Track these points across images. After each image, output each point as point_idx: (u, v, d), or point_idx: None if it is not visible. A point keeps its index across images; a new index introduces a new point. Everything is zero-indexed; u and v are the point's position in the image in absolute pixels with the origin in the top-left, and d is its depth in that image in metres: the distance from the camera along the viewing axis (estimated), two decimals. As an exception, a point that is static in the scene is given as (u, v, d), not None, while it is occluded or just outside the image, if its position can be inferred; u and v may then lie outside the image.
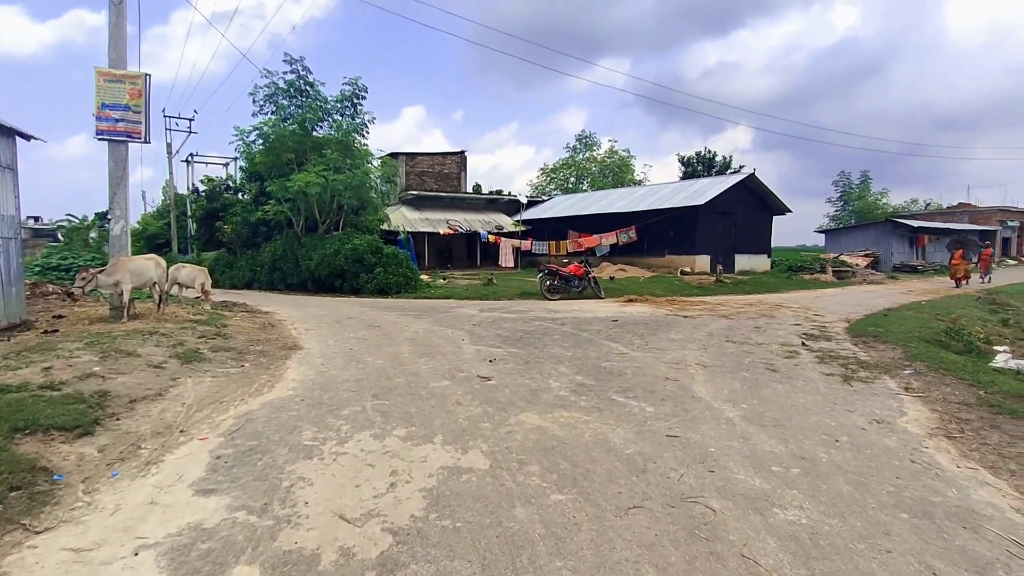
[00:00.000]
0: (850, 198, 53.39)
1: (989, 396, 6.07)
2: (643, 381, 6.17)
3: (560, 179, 49.36)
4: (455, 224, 29.81)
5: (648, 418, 4.88)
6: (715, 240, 24.62)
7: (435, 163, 36.43)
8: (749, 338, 9.25)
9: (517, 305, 13.78)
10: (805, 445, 4.34)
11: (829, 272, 25.35)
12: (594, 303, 14.43)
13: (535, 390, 5.70)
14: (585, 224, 27.95)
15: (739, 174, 27.54)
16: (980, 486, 3.73)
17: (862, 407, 5.50)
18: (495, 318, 11.15)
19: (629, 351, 7.89)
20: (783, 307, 14.12)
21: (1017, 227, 46.66)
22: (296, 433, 4.39)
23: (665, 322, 10.88)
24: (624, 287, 18.03)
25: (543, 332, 9.40)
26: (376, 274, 17.47)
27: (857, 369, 7.13)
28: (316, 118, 20.35)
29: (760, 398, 5.66)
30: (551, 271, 15.75)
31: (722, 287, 19.45)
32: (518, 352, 7.68)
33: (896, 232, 33.01)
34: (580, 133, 50.71)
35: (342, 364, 6.94)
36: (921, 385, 6.48)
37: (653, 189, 30.03)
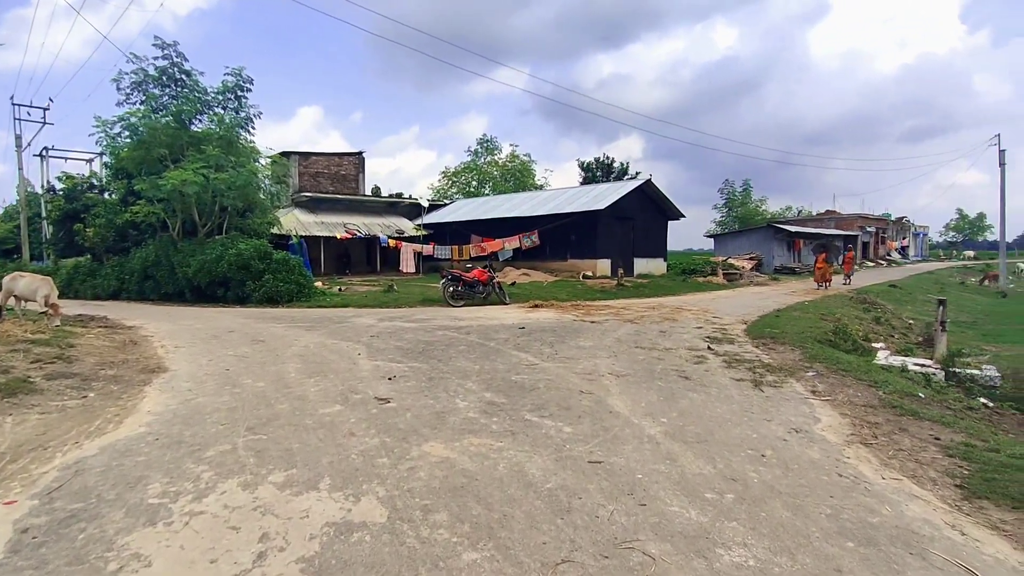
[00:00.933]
0: (734, 205, 57.07)
1: (888, 397, 6.19)
2: (557, 396, 5.73)
3: (462, 183, 48.82)
4: (353, 228, 28.41)
5: (567, 440, 4.42)
6: (615, 244, 25.07)
7: (331, 164, 34.67)
8: (657, 343, 9.15)
9: (419, 313, 13.05)
10: (733, 463, 4.05)
11: (720, 275, 26.62)
12: (499, 309, 13.99)
13: (440, 412, 5.08)
14: (488, 228, 27.58)
15: (636, 180, 28.32)
16: (910, 500, 3.58)
17: (778, 415, 5.37)
18: (395, 328, 10.38)
19: (539, 361, 7.46)
20: (683, 310, 14.39)
21: (873, 232, 51.85)
22: (140, 487, 3.49)
23: (573, 328, 10.61)
24: (528, 292, 17.77)
25: (447, 343, 8.77)
26: (264, 282, 16.04)
27: (764, 373, 7.12)
28: (194, 110, 18.47)
29: (678, 410, 5.39)
30: (454, 277, 15.15)
31: (624, 291, 19.73)
32: (421, 367, 7.01)
33: (776, 237, 35.44)
34: (481, 137, 50.73)
35: (214, 389, 5.95)
36: (826, 388, 6.53)
37: (555, 193, 30.23)
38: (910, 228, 63.34)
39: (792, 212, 63.35)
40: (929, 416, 5.46)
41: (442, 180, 50.10)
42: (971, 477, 3.95)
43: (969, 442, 4.73)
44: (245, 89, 18.72)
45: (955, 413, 6.08)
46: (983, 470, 4.06)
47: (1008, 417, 7.56)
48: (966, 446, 4.61)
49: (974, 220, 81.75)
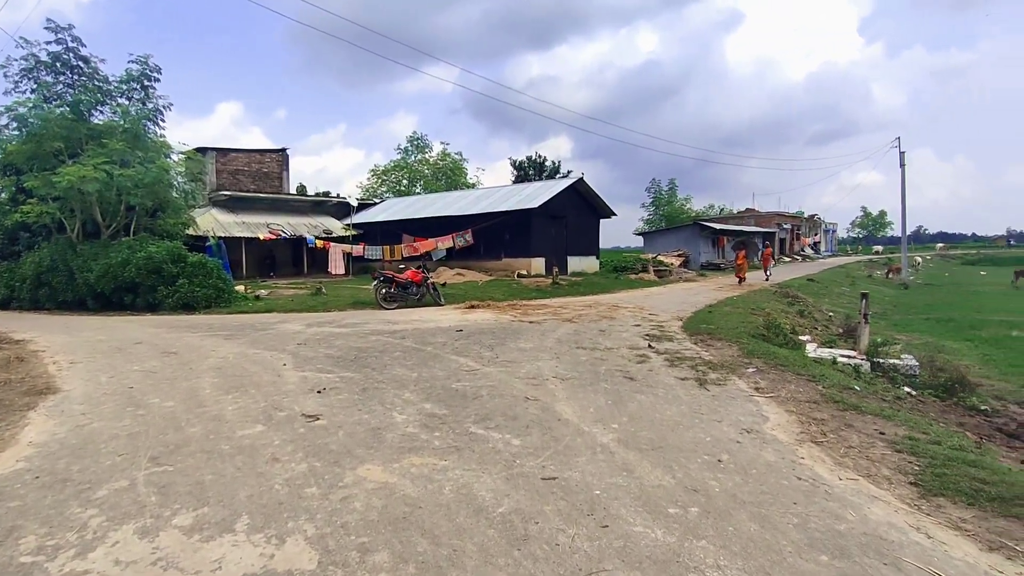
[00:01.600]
0: (661, 203, 58.73)
1: (829, 391, 6.25)
2: (502, 404, 5.40)
3: (392, 181, 47.71)
4: (277, 228, 27.03)
5: (516, 455, 4.09)
6: (549, 242, 25.05)
7: (252, 161, 32.93)
8: (598, 343, 8.99)
9: (350, 317, 12.39)
10: (692, 471, 3.85)
11: (651, 271, 27.15)
12: (435, 311, 13.52)
13: (377, 428, 4.64)
14: (420, 228, 26.94)
15: (569, 179, 28.46)
16: (871, 502, 3.48)
17: (727, 415, 5.26)
18: (325, 334, 9.74)
19: (480, 366, 7.10)
20: (620, 307, 14.42)
21: (789, 229, 54.69)
22: (10, 543, 2.87)
23: (512, 329, 10.32)
24: (464, 292, 17.38)
25: (382, 349, 8.27)
26: (179, 287, 14.83)
27: (707, 371, 7.07)
28: (94, 100, 16.90)
29: (628, 414, 5.18)
30: (387, 278, 14.53)
31: (559, 289, 19.67)
32: (353, 377, 6.50)
33: (702, 234, 36.64)
34: (412, 135, 49.51)
35: (113, 411, 5.23)
36: (768, 384, 6.53)
37: (488, 192, 29.94)
38: (821, 225, 67.33)
39: (715, 210, 65.90)
40: (870, 410, 5.51)
41: (371, 178, 48.80)
42: (922, 473, 3.93)
43: (912, 435, 4.76)
44: (152, 79, 17.30)
45: (891, 405, 6.22)
46: (932, 465, 4.06)
47: (930, 404, 7.88)
48: (910, 440, 4.63)
49: (876, 217, 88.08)
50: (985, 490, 3.59)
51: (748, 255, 24.65)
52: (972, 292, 28.96)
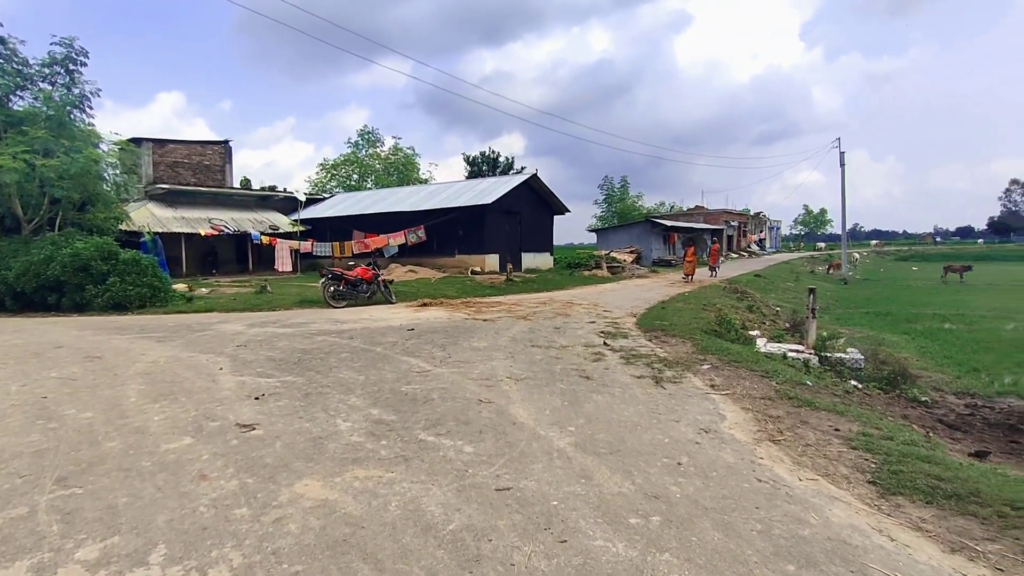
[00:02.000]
0: (613, 200, 59.36)
1: (782, 387, 6.25)
2: (454, 408, 5.15)
3: (342, 176, 46.52)
4: (220, 224, 25.90)
5: (469, 463, 3.85)
6: (503, 239, 24.85)
7: (192, 153, 31.47)
8: (553, 341, 8.84)
9: (296, 316, 11.86)
10: (651, 476, 3.70)
11: (604, 268, 27.30)
12: (385, 309, 13.12)
13: (318, 438, 4.31)
14: (371, 224, 26.29)
15: (523, 175, 28.31)
16: (831, 503, 3.40)
17: (684, 414, 5.16)
18: (268, 335, 9.24)
19: (432, 367, 6.82)
20: (574, 304, 14.34)
21: (736, 226, 56.22)
22: None
23: (465, 328, 10.06)
24: (416, 290, 16.98)
25: (328, 350, 7.87)
26: (109, 285, 13.89)
27: (663, 368, 7.00)
28: (12, 85, 15.66)
29: (585, 416, 5.01)
30: (335, 275, 14.01)
31: (513, 286, 19.50)
32: (295, 381, 6.11)
33: (654, 231, 37.16)
34: (362, 129, 48.39)
35: (21, 425, 4.71)
36: (723, 381, 6.49)
37: (441, 187, 29.50)
38: (766, 222, 69.56)
39: (666, 208, 67.14)
40: (824, 406, 5.52)
41: (320, 173, 47.43)
42: (879, 471, 3.90)
43: (865, 431, 4.76)
44: (79, 62, 16.14)
45: (842, 400, 6.27)
46: (887, 462, 4.03)
47: (876, 397, 8.05)
48: (864, 436, 4.62)
49: (818, 215, 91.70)
50: (941, 487, 3.57)
51: (697, 252, 24.88)
52: (906, 287, 30.32)
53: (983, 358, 11.82)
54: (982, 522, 3.19)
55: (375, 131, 48.49)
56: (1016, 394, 9.33)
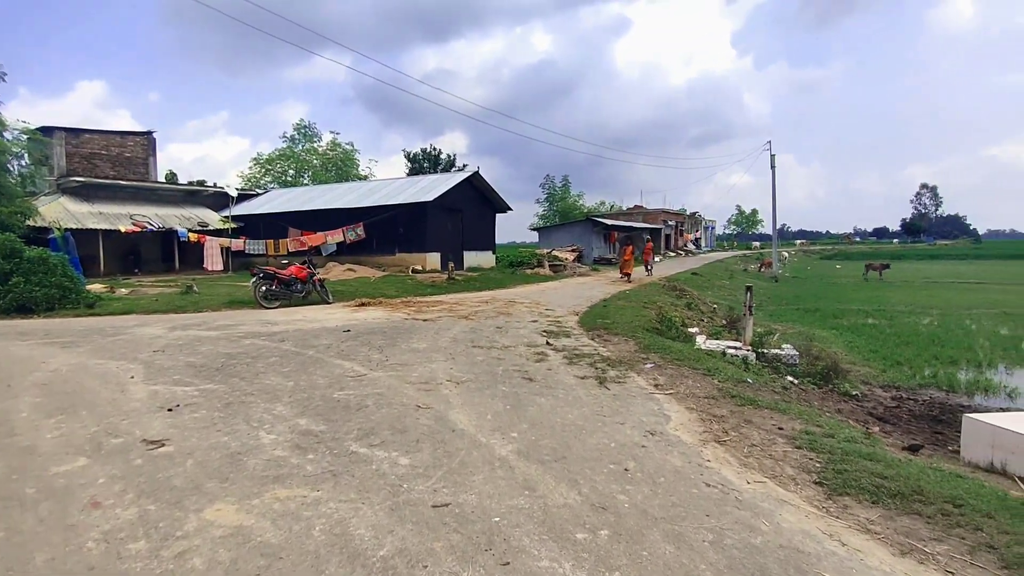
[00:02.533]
0: (555, 199, 59.82)
1: (725, 386, 6.24)
2: (390, 415, 4.83)
3: (277, 171, 44.79)
4: (143, 220, 24.33)
5: (404, 477, 3.56)
6: (445, 237, 24.45)
7: (111, 144, 29.51)
8: (495, 341, 8.61)
9: (223, 318, 11.15)
10: (598, 485, 3.52)
11: (546, 266, 27.34)
12: (321, 310, 12.55)
13: (237, 453, 3.91)
14: (308, 221, 25.32)
15: (464, 172, 27.99)
16: (781, 507, 3.32)
17: (629, 415, 5.04)
18: (190, 339, 8.59)
19: (368, 371, 6.46)
20: (516, 303, 14.18)
21: (674, 226, 57.70)
22: None
23: (404, 328, 9.69)
24: (354, 289, 16.40)
25: (255, 354, 7.36)
26: (12, 286, 12.67)
27: (606, 368, 6.89)
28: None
29: (529, 420, 4.80)
30: (268, 274, 13.30)
31: (455, 285, 19.18)
32: (216, 389, 5.62)
33: (595, 230, 37.58)
34: (299, 123, 46.73)
35: None
36: (666, 380, 6.44)
37: (381, 184, 28.77)
38: (702, 222, 71.75)
39: (606, 207, 68.11)
40: (766, 404, 5.52)
41: (254, 168, 45.48)
42: (824, 471, 3.86)
43: (808, 429, 4.76)
44: (-25, 42, 14.73)
45: (783, 397, 6.33)
46: (832, 461, 4.01)
47: (811, 393, 8.23)
48: (807, 434, 4.62)
49: (750, 215, 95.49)
50: (885, 486, 3.55)
51: (634, 251, 24.98)
52: (831, 284, 31.80)
53: (904, 352, 12.38)
54: (927, 521, 3.17)
55: (312, 125, 46.99)
56: (935, 385, 9.79)
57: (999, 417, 4.92)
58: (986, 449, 4.64)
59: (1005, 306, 19.74)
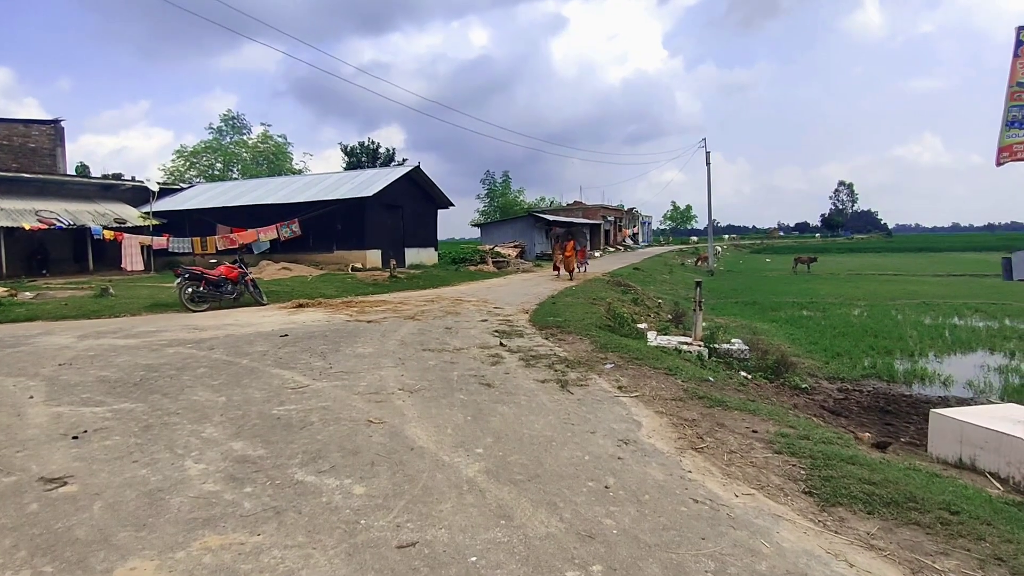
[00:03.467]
0: (495, 195, 59.49)
1: (689, 386, 6.06)
2: (339, 433, 4.33)
3: (203, 165, 42.36)
4: (50, 216, 22.26)
5: (360, 511, 3.10)
6: (385, 234, 23.65)
7: (13, 134, 27.04)
8: (445, 343, 8.16)
9: (144, 324, 10.17)
10: (580, 508, 3.18)
11: (490, 263, 26.98)
12: (255, 312, 11.70)
13: (157, 491, 3.33)
14: (238, 217, 23.91)
15: (405, 167, 27.20)
16: (777, 523, 3.07)
17: (598, 423, 4.73)
18: (104, 349, 7.71)
19: (311, 381, 5.89)
20: (463, 301, 13.75)
21: (613, 221, 58.53)
22: None
23: (347, 332, 9.09)
24: (291, 289, 15.49)
25: (181, 365, 6.62)
26: None
27: (565, 370, 6.59)
28: None
29: (492, 432, 4.41)
30: (194, 275, 12.27)
31: (398, 283, 18.52)
32: (134, 409, 4.93)
33: (536, 225, 37.48)
34: (226, 114, 44.26)
35: None
36: (629, 381, 6.19)
37: (316, 179, 27.55)
38: (639, 217, 73.21)
39: (546, 203, 68.41)
40: (734, 405, 5.35)
41: (177, 160, 42.79)
42: (811, 478, 3.66)
43: (782, 431, 4.60)
44: None
45: (748, 397, 6.21)
46: (815, 466, 3.83)
47: (765, 387, 8.23)
48: (782, 436, 4.45)
49: (684, 211, 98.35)
50: (877, 494, 3.37)
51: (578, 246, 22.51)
52: (764, 277, 32.96)
53: (842, 343, 12.75)
54: (928, 532, 2.99)
55: (241, 116, 44.65)
56: (876, 376, 10.05)
57: (965, 412, 4.93)
58: (954, 445, 4.62)
59: (923, 296, 20.89)
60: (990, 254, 56.06)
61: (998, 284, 25.90)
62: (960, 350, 12.14)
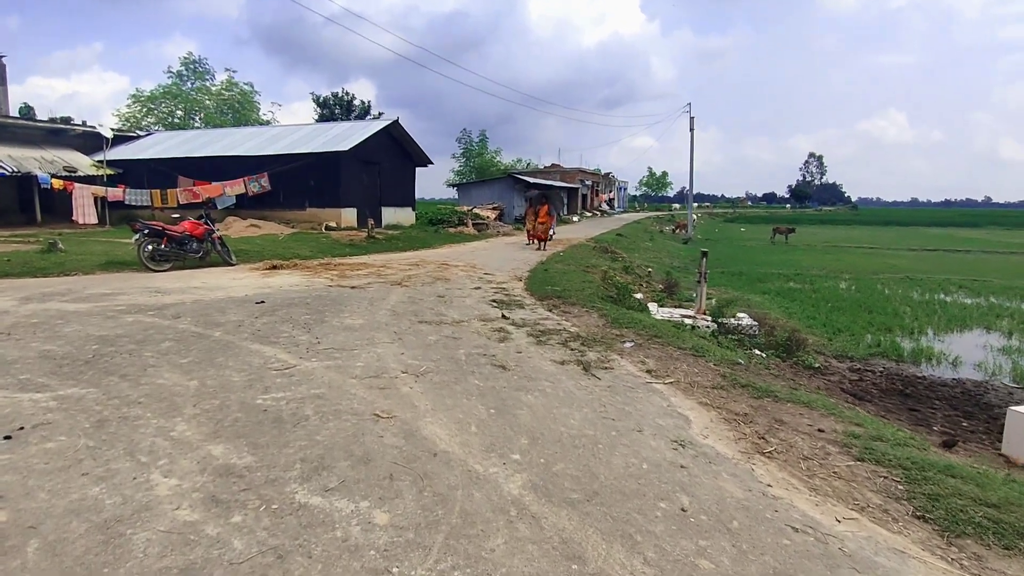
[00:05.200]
0: (471, 155, 57.81)
1: (724, 370, 5.46)
2: (341, 432, 3.57)
3: (162, 112, 39.71)
4: (-10, 162, 20.37)
5: (388, 553, 2.38)
6: (362, 192, 22.42)
7: (-54, 70, 24.51)
8: (442, 314, 7.41)
9: (98, 285, 9.10)
10: (663, 542, 2.52)
11: (470, 225, 26.03)
12: (224, 274, 10.70)
13: (114, 522, 2.54)
14: (202, 169, 22.31)
15: (382, 120, 25.75)
16: (903, 562, 2.47)
17: (640, 417, 4.09)
18: (50, 315, 6.72)
19: (297, 360, 5.08)
20: (449, 266, 12.93)
21: (590, 185, 57.69)
22: None
23: (331, 298, 8.24)
24: (262, 249, 14.40)
25: (142, 337, 5.72)
26: None
27: (582, 349, 5.93)
28: None
29: (525, 431, 3.73)
30: (155, 230, 11.13)
31: (377, 244, 17.53)
32: (84, 395, 4.08)
33: (516, 187, 36.42)
34: (187, 57, 41.30)
35: None
36: (656, 364, 5.56)
37: (288, 130, 25.90)
38: (615, 182, 72.49)
39: (522, 164, 67.01)
40: (785, 396, 4.76)
41: (133, 106, 39.95)
42: (914, 497, 3.09)
43: (850, 431, 4.02)
44: None
45: (788, 383, 5.65)
46: (911, 480, 3.26)
47: (782, 367, 7.73)
48: (854, 438, 3.87)
49: (660, 177, 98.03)
50: (1005, 521, 2.81)
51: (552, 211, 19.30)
52: (742, 247, 32.75)
53: (839, 318, 12.42)
54: (1094, 579, 2.44)
55: (204, 61, 41.71)
56: (883, 355, 9.69)
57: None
58: (1035, 447, 4.13)
59: (905, 271, 20.85)
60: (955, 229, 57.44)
61: (971, 260, 26.26)
62: (956, 328, 11.92)
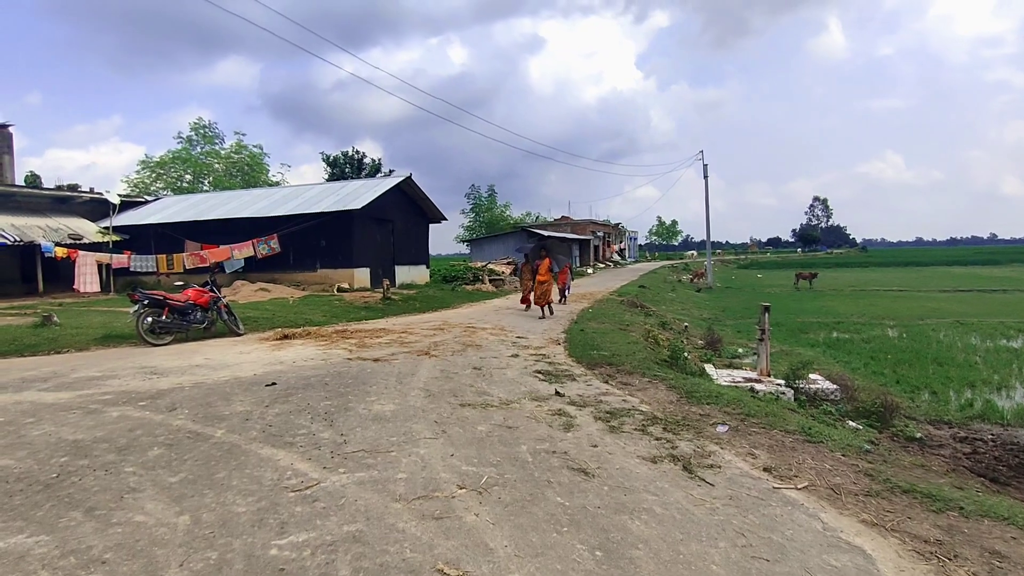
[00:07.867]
0: (481, 210, 57.71)
1: (864, 465, 4.26)
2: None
3: (171, 177, 39.71)
4: (-6, 231, 19.77)
5: None
6: (375, 250, 21.64)
7: (-44, 141, 24.37)
8: (485, 392, 6.28)
9: (89, 365, 8.03)
10: None
11: (487, 282, 25.12)
12: (230, 347, 9.63)
13: None
14: (210, 232, 21.66)
15: (394, 177, 25.23)
16: None
17: (800, 556, 2.90)
18: (20, 411, 5.61)
19: (321, 472, 3.93)
20: (476, 329, 11.83)
21: (602, 236, 57.19)
22: None
23: (352, 376, 7.12)
24: (271, 315, 13.40)
25: (125, 442, 4.60)
26: None
27: (669, 438, 4.76)
28: None
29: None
30: (155, 300, 10.15)
31: (393, 305, 16.51)
32: (27, 551, 2.93)
33: (529, 240, 35.72)
34: (196, 122, 41.61)
35: None
36: (770, 458, 4.37)
37: (298, 190, 25.41)
38: (625, 232, 72.13)
39: (531, 217, 66.89)
40: (971, 508, 3.55)
41: (142, 171, 39.99)
42: None
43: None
44: None
45: (953, 482, 4.44)
46: None
47: (882, 439, 6.48)
48: None
49: (670, 226, 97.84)
50: None
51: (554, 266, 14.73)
52: (767, 295, 31.55)
53: (909, 373, 11.21)
54: None
55: (213, 125, 42.00)
56: (981, 417, 8.44)
57: None
58: None
59: (950, 315, 19.62)
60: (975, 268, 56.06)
61: (1014, 300, 24.90)
62: (1046, 382, 10.66)
